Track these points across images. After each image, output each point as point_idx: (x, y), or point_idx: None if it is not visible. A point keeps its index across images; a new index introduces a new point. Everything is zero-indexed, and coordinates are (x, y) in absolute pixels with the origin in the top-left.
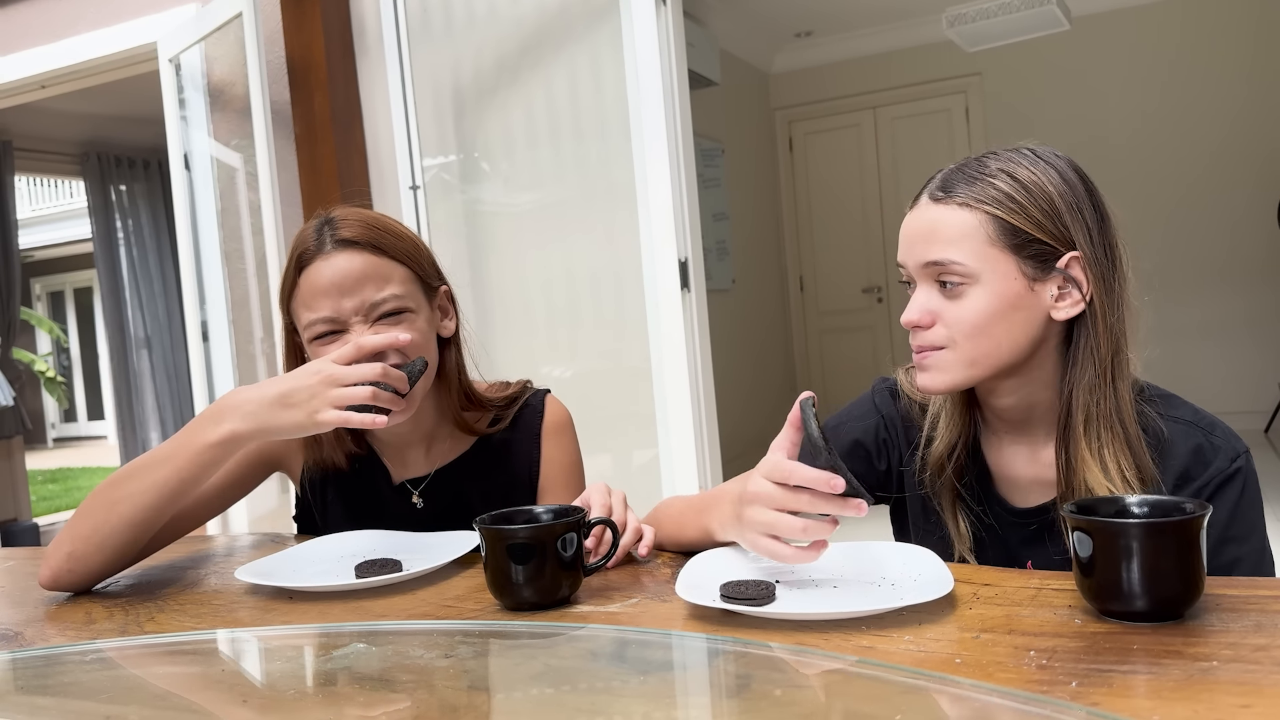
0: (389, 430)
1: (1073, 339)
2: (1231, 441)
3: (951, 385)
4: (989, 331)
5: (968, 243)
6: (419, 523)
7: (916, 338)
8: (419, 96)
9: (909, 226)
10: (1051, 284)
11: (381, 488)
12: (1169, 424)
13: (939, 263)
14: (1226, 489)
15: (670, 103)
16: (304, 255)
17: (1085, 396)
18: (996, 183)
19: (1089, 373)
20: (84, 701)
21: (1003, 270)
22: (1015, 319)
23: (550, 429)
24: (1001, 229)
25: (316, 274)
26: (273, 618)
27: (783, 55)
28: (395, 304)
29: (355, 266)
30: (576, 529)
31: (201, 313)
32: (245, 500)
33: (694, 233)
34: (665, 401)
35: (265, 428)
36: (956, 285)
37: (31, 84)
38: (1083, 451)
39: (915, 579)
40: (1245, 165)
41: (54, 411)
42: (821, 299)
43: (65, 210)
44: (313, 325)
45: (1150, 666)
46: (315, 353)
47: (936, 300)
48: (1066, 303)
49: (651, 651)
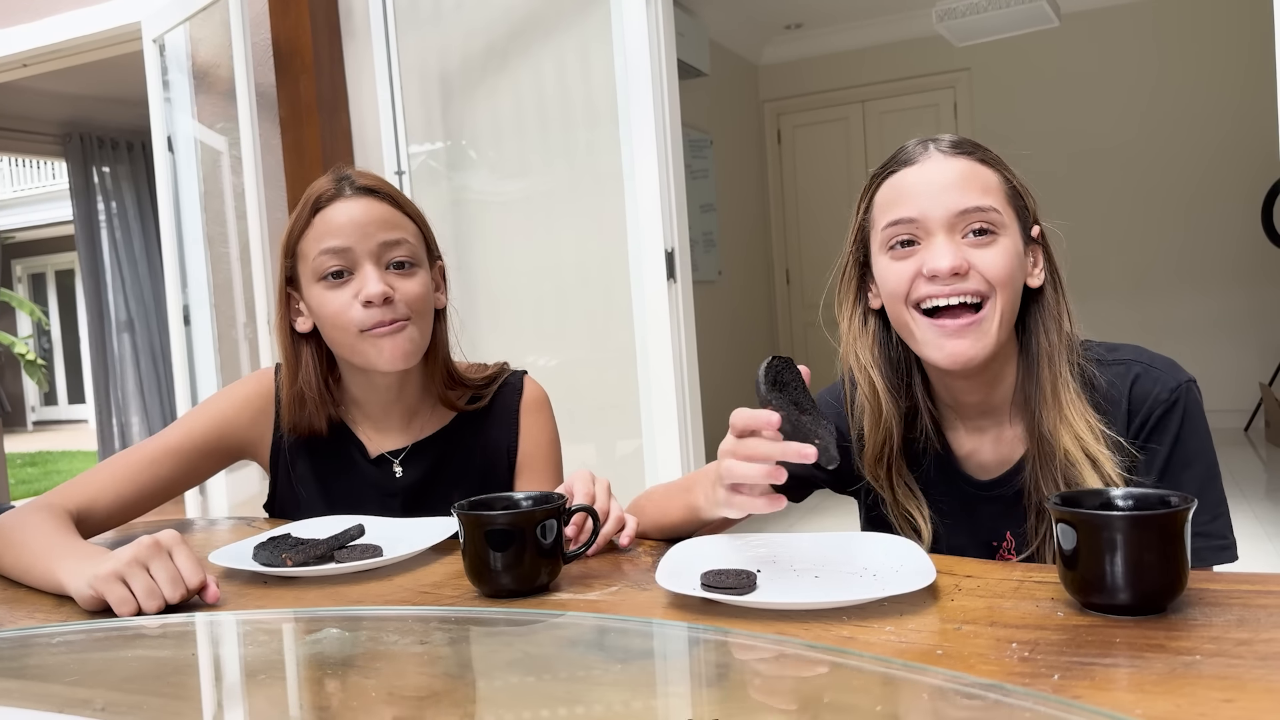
0: (374, 399)
1: (1031, 313)
2: (1173, 372)
3: (991, 349)
4: (1013, 283)
5: (996, 193)
6: (396, 494)
7: (948, 286)
8: (406, 82)
9: (927, 178)
10: (1029, 251)
11: (358, 460)
12: (1113, 367)
13: (980, 209)
14: (1168, 419)
15: (659, 93)
16: (321, 198)
17: (1047, 366)
18: (988, 151)
19: (1052, 339)
20: (49, 684)
21: (1015, 228)
22: (1018, 279)
23: (529, 406)
24: (1011, 190)
25: (334, 213)
26: (247, 602)
27: (772, 47)
28: (407, 252)
29: (374, 211)
30: (556, 516)
31: (183, 296)
32: (225, 486)
33: (681, 223)
34: (650, 392)
35: None
36: (989, 234)
37: (13, 62)
38: (1058, 414)
39: (897, 570)
40: (1230, 166)
41: (34, 394)
42: (808, 291)
43: (47, 191)
44: (322, 259)
45: (1133, 660)
46: (318, 296)
47: (964, 249)
48: (1038, 269)
49: (631, 640)
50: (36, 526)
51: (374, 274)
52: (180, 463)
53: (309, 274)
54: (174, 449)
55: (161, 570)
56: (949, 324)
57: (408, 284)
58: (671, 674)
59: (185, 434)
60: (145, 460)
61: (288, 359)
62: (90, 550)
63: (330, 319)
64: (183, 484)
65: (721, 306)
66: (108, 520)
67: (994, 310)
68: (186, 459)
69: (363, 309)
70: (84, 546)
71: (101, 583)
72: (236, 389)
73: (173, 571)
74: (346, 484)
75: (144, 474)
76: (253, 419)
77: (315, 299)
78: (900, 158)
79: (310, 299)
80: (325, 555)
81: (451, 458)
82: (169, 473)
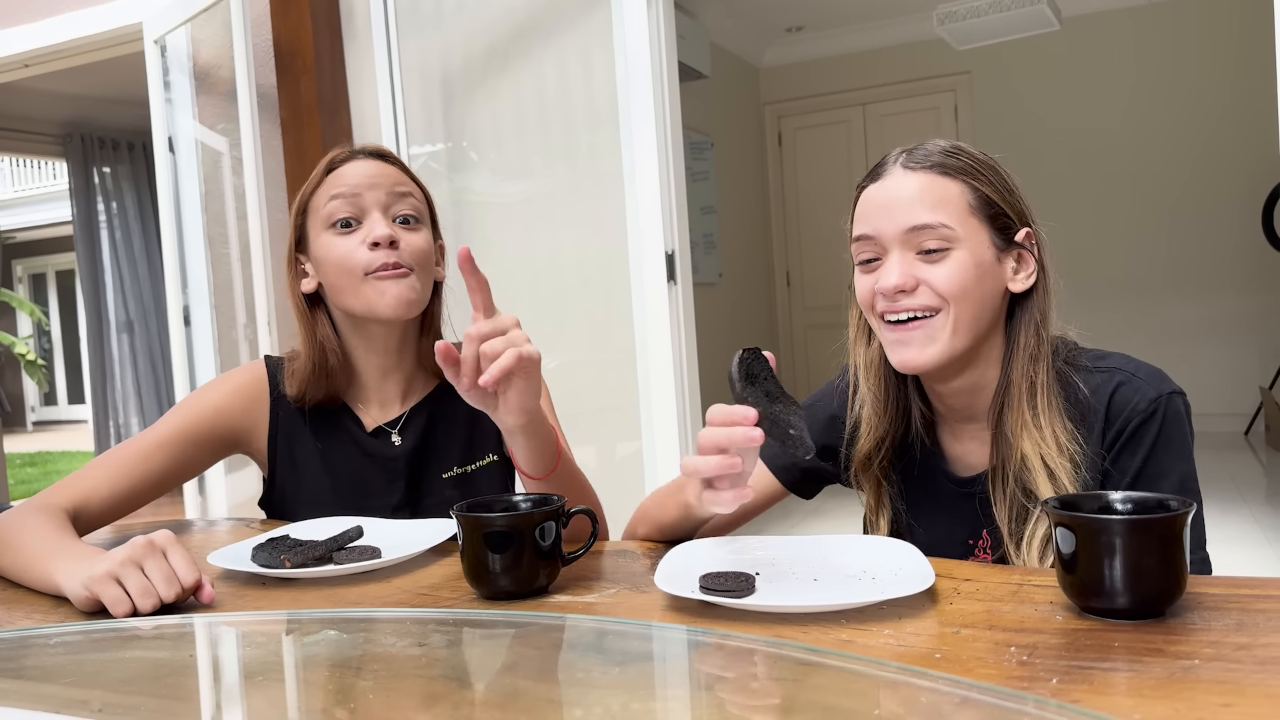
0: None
1: (1015, 315)
2: (1156, 383)
3: (941, 357)
4: (971, 295)
5: (952, 207)
6: (397, 458)
7: (897, 302)
8: (407, 83)
9: (881, 194)
10: (1010, 257)
11: (356, 434)
12: (1097, 375)
13: (928, 225)
14: (1144, 430)
15: (660, 95)
16: (335, 160)
17: (1028, 366)
18: (961, 158)
19: (1031, 344)
20: (47, 685)
21: (979, 239)
22: (987, 288)
23: None
24: (978, 198)
25: (346, 169)
26: (245, 603)
27: (773, 49)
28: (413, 208)
29: (385, 170)
30: (555, 518)
31: (184, 297)
32: (224, 486)
33: (681, 225)
34: (650, 394)
35: None
36: (941, 250)
37: (14, 62)
38: (1025, 419)
39: (896, 573)
40: (1230, 170)
41: (34, 394)
42: (808, 294)
43: (48, 192)
44: (332, 205)
45: (1131, 664)
46: (325, 243)
47: (918, 266)
48: (1022, 274)
49: (629, 642)
50: (33, 528)
51: (381, 219)
52: (173, 455)
53: (318, 225)
54: (166, 441)
55: (156, 570)
56: (900, 332)
57: (413, 236)
58: (670, 677)
59: (177, 425)
60: (138, 454)
61: (304, 321)
62: (86, 550)
63: (337, 262)
64: (177, 477)
65: (722, 309)
66: (103, 516)
67: (945, 320)
68: (180, 451)
69: (369, 251)
70: (80, 547)
71: (96, 583)
72: (227, 378)
73: (167, 571)
74: (348, 456)
75: (137, 468)
76: (245, 407)
77: (323, 247)
78: (873, 171)
79: (318, 249)
80: (324, 557)
81: (442, 419)
82: (162, 466)
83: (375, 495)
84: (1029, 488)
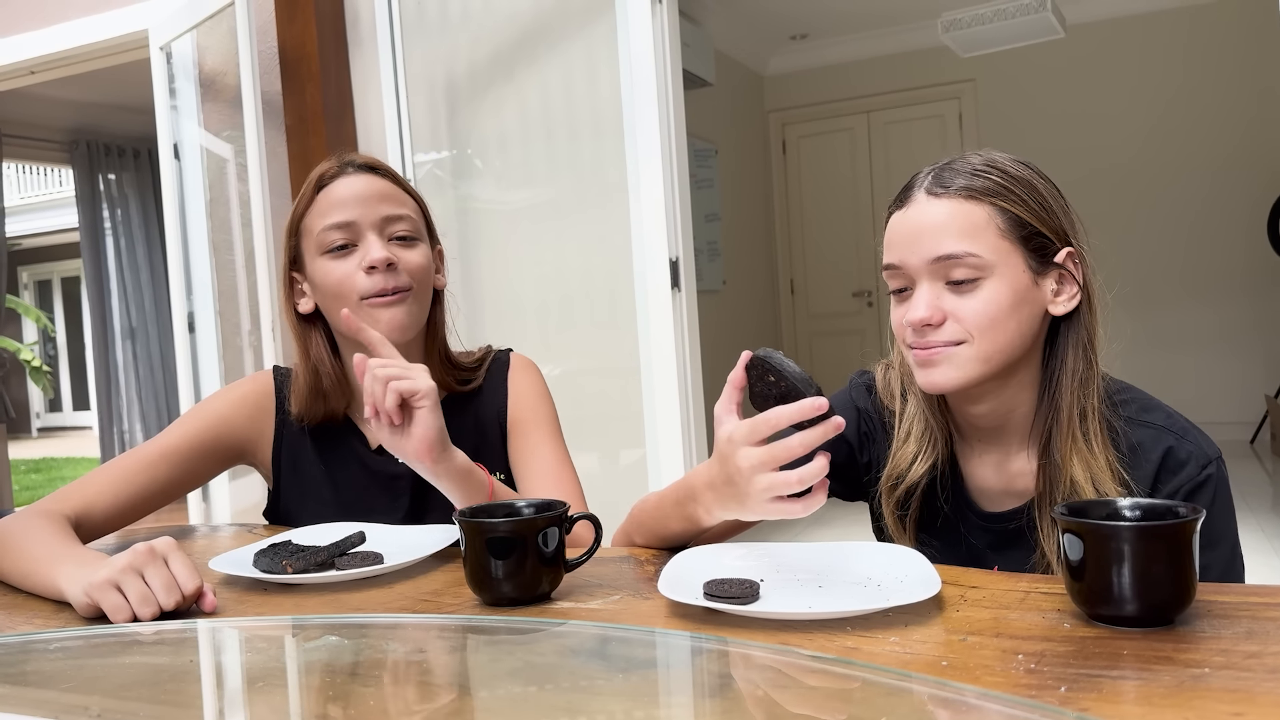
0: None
1: (1059, 336)
2: (1204, 447)
3: (964, 381)
4: (1003, 326)
5: (981, 235)
6: (401, 476)
7: (925, 336)
8: (412, 91)
9: (907, 224)
10: (1050, 278)
11: (360, 450)
12: (1141, 428)
13: (954, 256)
14: (1197, 496)
15: (664, 102)
16: (324, 176)
17: (1078, 391)
18: (992, 176)
19: (1080, 367)
20: (45, 691)
21: (1013, 263)
22: (1023, 313)
23: (515, 370)
24: (1010, 221)
25: (337, 188)
26: (247, 608)
27: (778, 57)
28: (409, 227)
29: (376, 185)
30: (558, 524)
31: (188, 303)
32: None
33: (685, 232)
34: (654, 401)
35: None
36: (971, 281)
37: (21, 69)
38: (1078, 444)
39: (901, 580)
40: (1235, 176)
41: (39, 401)
42: (812, 302)
43: (54, 199)
44: (327, 232)
45: (1140, 672)
46: (322, 268)
47: (946, 297)
48: (1064, 297)
49: (633, 649)
50: (36, 532)
51: (377, 242)
52: (178, 465)
53: (313, 249)
54: (171, 451)
55: (156, 577)
56: (925, 353)
57: (410, 254)
58: (674, 684)
59: (182, 436)
60: (143, 463)
61: (300, 342)
62: (89, 556)
63: (333, 289)
64: (181, 486)
65: (726, 316)
66: (107, 524)
67: (971, 350)
68: (184, 461)
69: (366, 276)
70: (83, 552)
71: (96, 590)
72: (234, 389)
73: (167, 578)
74: (351, 473)
75: (141, 477)
76: (251, 418)
77: (320, 272)
78: (900, 194)
79: (314, 273)
80: (326, 562)
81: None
82: (166, 475)
83: (379, 513)
84: None
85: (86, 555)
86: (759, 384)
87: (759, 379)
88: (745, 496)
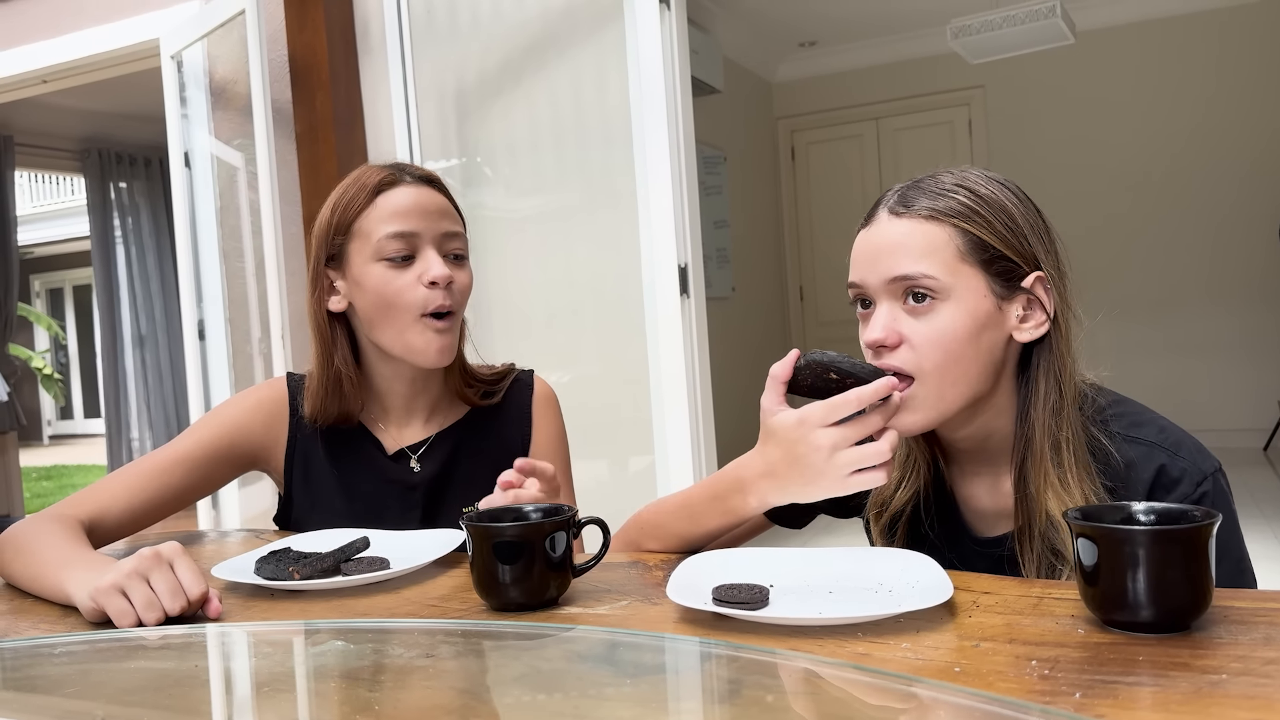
0: (398, 391)
1: (1031, 362)
2: (1198, 462)
3: (926, 424)
4: (959, 352)
5: (938, 256)
6: (415, 487)
7: (881, 357)
8: (421, 98)
9: (868, 242)
10: (1016, 304)
11: (375, 456)
12: (1132, 445)
13: (909, 277)
14: None
15: (673, 109)
16: (383, 183)
17: (1049, 421)
18: (959, 196)
19: (1053, 397)
20: (49, 696)
21: (973, 286)
22: (983, 340)
23: (540, 401)
24: (971, 243)
25: (401, 196)
26: (252, 614)
27: (786, 64)
28: (462, 245)
29: (436, 200)
30: (566, 528)
31: (198, 311)
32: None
33: (694, 239)
34: (663, 408)
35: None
36: (927, 301)
37: (33, 79)
38: (1050, 479)
39: (913, 585)
40: (1248, 182)
41: (50, 409)
42: (821, 309)
43: (66, 207)
44: (389, 240)
45: (1156, 678)
46: (377, 275)
47: (903, 319)
48: (1030, 324)
49: (641, 654)
50: (47, 536)
51: (438, 259)
52: (191, 471)
53: (367, 253)
54: (184, 457)
55: (162, 582)
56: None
57: (461, 275)
58: (683, 690)
59: (196, 442)
60: (156, 469)
61: (323, 340)
62: (97, 561)
63: (391, 298)
64: (194, 493)
65: (735, 323)
66: (118, 530)
67: (924, 390)
68: (197, 467)
69: (426, 290)
70: (92, 557)
71: (101, 595)
72: (248, 395)
73: (173, 583)
74: (364, 481)
75: (154, 483)
76: (265, 424)
77: (373, 278)
78: (868, 212)
79: (365, 277)
80: (332, 568)
81: (468, 451)
82: (180, 481)
83: (390, 522)
84: (1057, 547)
85: (95, 560)
86: (818, 380)
87: (817, 376)
88: (821, 475)
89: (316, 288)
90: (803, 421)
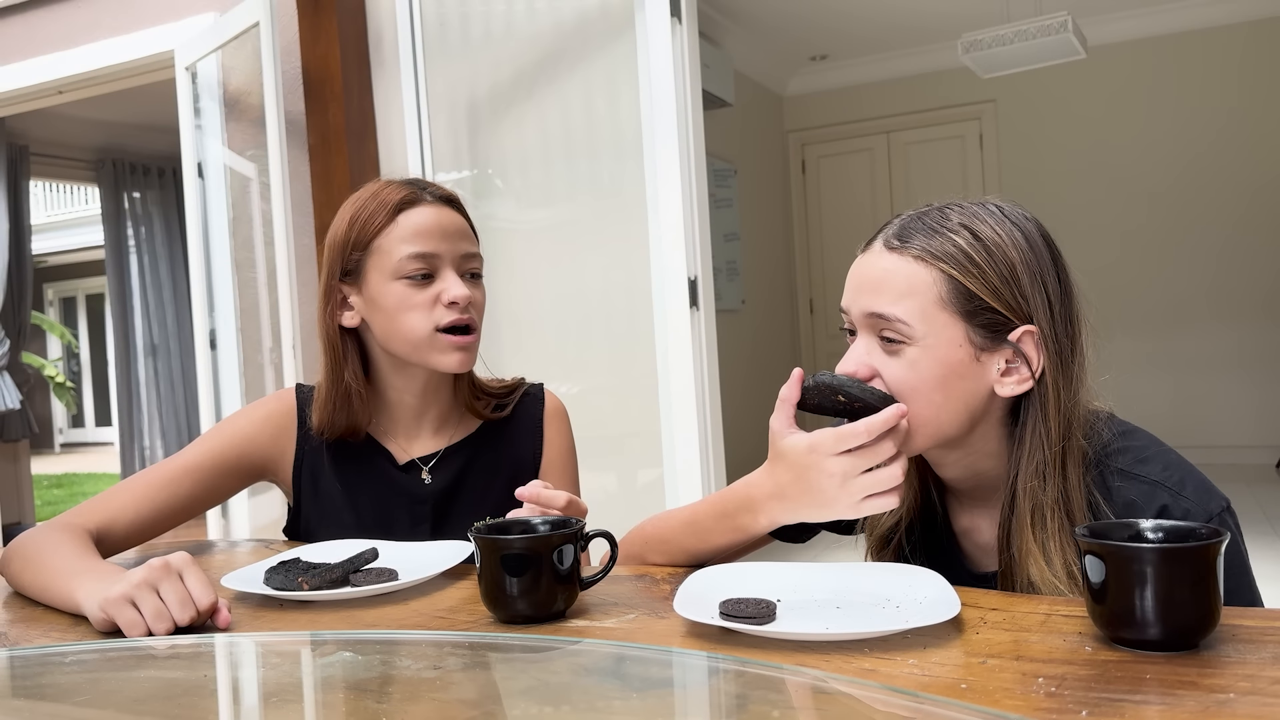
0: (409, 404)
1: (1020, 417)
2: (1203, 501)
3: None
4: (925, 397)
5: (915, 300)
6: (425, 500)
7: None
8: (433, 111)
9: (858, 272)
10: (999, 357)
11: (385, 468)
12: (1134, 483)
13: (882, 316)
14: None
15: (684, 122)
16: (404, 201)
17: (1033, 482)
18: (956, 239)
19: (1037, 457)
20: (57, 704)
21: (947, 336)
22: (955, 388)
23: (551, 415)
24: (955, 291)
25: (422, 216)
26: (261, 624)
27: (797, 78)
28: (478, 264)
29: (456, 220)
30: (573, 541)
31: (210, 321)
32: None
33: (704, 252)
34: (672, 420)
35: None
36: (896, 343)
37: (49, 89)
38: (1028, 543)
39: (920, 601)
40: (1258, 198)
41: (62, 417)
42: (831, 322)
43: (80, 217)
44: (410, 260)
45: (1164, 697)
46: (396, 293)
47: (877, 354)
48: (1013, 379)
49: (648, 668)
50: (56, 546)
51: (457, 279)
52: (200, 481)
53: (387, 271)
54: (193, 468)
55: (171, 592)
56: None
57: (478, 294)
58: (690, 704)
59: (205, 452)
60: (165, 479)
61: (334, 354)
62: (107, 570)
63: (409, 316)
64: (203, 503)
65: (744, 335)
66: (127, 539)
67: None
68: (206, 478)
69: (445, 308)
70: (102, 566)
71: (111, 605)
72: (257, 407)
73: (182, 594)
74: (374, 492)
75: (163, 493)
76: (274, 436)
77: (392, 296)
78: (871, 236)
79: (382, 295)
80: (341, 579)
81: (479, 464)
82: (188, 491)
83: (399, 535)
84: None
85: (105, 569)
86: (826, 403)
87: (825, 398)
88: (833, 500)
89: (329, 301)
90: (814, 449)
